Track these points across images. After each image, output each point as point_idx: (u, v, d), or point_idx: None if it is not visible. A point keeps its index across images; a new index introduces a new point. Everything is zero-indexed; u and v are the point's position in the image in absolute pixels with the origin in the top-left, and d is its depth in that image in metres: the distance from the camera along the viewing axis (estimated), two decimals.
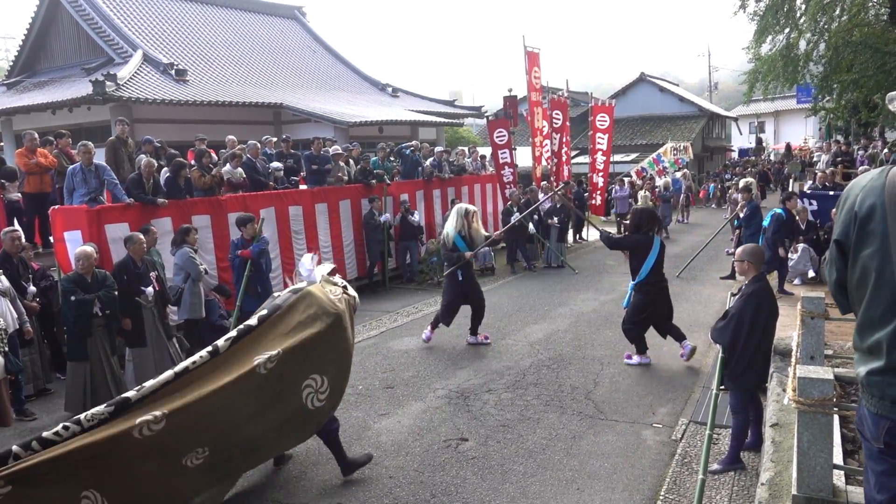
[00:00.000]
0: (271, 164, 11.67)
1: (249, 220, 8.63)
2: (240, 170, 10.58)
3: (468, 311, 8.69)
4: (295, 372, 4.35)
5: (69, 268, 7.45)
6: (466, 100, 44.26)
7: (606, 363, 7.62)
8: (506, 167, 16.19)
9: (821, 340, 4.93)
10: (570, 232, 17.23)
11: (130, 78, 18.48)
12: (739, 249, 5.24)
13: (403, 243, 13.17)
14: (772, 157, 40.78)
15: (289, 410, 4.40)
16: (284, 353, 4.22)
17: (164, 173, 9.72)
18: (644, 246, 7.37)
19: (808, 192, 13.04)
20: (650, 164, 23.22)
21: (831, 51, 17.61)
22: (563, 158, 17.86)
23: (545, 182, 16.69)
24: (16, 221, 9.87)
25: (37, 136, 9.94)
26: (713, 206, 27.65)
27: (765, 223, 10.43)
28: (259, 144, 11.70)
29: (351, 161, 13.21)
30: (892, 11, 15.88)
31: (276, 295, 4.80)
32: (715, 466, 4.96)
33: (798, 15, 18.34)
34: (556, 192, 13.48)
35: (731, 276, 11.91)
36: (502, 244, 14.87)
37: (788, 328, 6.30)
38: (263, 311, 4.51)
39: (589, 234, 18.56)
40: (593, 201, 18.64)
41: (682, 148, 25.54)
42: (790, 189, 14.44)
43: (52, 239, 9.20)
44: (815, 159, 23.35)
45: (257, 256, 8.25)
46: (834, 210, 11.15)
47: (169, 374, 4.02)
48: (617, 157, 28.02)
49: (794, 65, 19.07)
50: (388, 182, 13.22)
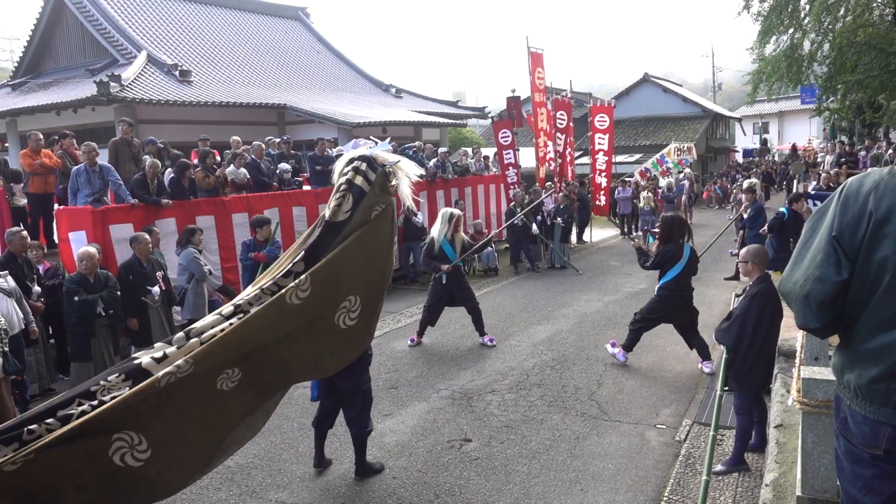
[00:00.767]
0: (279, 165, 11.69)
1: (265, 222, 8.68)
2: (243, 170, 10.60)
3: (465, 311, 8.75)
4: (331, 296, 4.20)
5: (74, 268, 7.47)
6: (470, 100, 44.37)
7: (610, 364, 7.61)
8: (510, 168, 16.20)
9: (825, 341, 4.91)
10: (574, 232, 17.22)
11: (135, 79, 18.53)
12: (744, 250, 5.23)
13: (406, 244, 13.16)
14: (776, 158, 40.71)
15: (323, 334, 4.26)
16: (312, 276, 4.04)
17: (169, 174, 9.75)
18: (674, 255, 7.24)
19: (813, 192, 13.00)
20: (654, 165, 23.18)
21: (835, 51, 17.59)
22: (568, 159, 17.85)
23: (549, 183, 16.68)
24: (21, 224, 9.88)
25: (41, 136, 9.97)
26: (716, 206, 27.61)
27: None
28: (263, 145, 11.72)
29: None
30: None
31: None
32: (719, 467, 4.96)
33: (802, 15, 18.32)
34: (551, 193, 13.40)
35: (735, 277, 11.89)
36: (506, 245, 14.87)
37: (792, 329, 6.27)
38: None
39: (592, 236, 18.55)
40: (597, 202, 18.62)
41: (685, 148, 25.45)
42: (797, 190, 14.39)
43: (56, 239, 9.22)
44: (819, 160, 23.31)
45: (271, 260, 8.27)
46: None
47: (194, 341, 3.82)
48: (620, 158, 27.99)
49: (799, 65, 19.05)
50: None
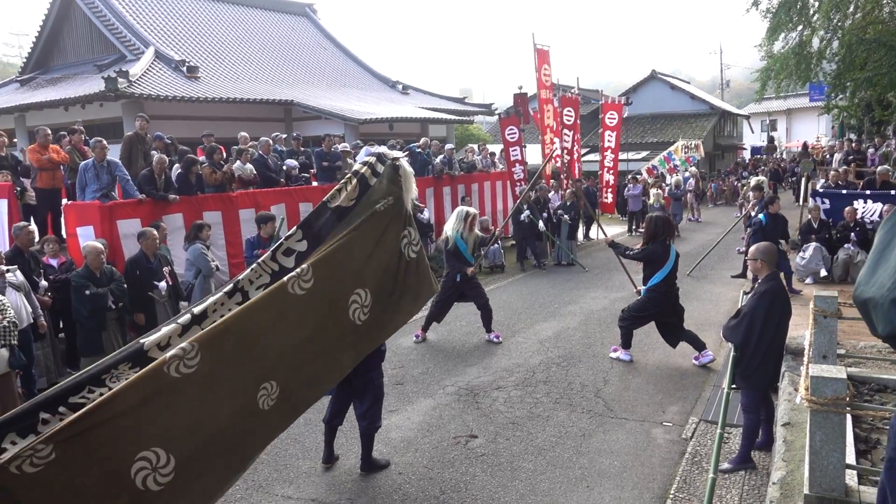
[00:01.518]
0: (286, 161, 11.70)
1: (270, 218, 8.67)
2: (249, 166, 10.62)
3: (474, 307, 8.73)
4: (335, 288, 4.14)
5: (81, 263, 7.50)
6: (477, 97, 44.32)
7: (616, 361, 7.60)
8: (517, 164, 16.19)
9: (833, 339, 4.91)
10: (581, 229, 17.20)
11: (142, 75, 18.59)
12: (752, 248, 5.21)
13: None
14: (784, 156, 40.51)
15: (340, 329, 4.19)
16: (314, 267, 4.00)
17: (176, 169, 9.77)
18: (660, 256, 7.25)
19: (821, 190, 12.94)
20: (661, 163, 23.12)
21: (845, 48, 17.47)
22: (575, 156, 17.83)
23: (555, 180, 16.65)
24: (32, 219, 9.91)
25: (49, 132, 10.00)
26: (723, 203, 27.51)
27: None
28: (271, 141, 11.74)
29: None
30: None
31: None
32: (725, 465, 4.94)
33: (811, 12, 18.22)
34: (538, 189, 13.31)
35: (743, 275, 11.85)
36: (512, 241, 14.85)
37: (800, 327, 6.27)
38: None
39: (598, 233, 18.51)
40: (604, 199, 18.59)
41: (693, 146, 25.39)
42: (803, 188, 14.33)
43: (64, 234, 9.26)
44: (827, 158, 23.19)
45: None
46: (848, 209, 11.11)
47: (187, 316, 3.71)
48: (628, 155, 27.94)
49: (807, 62, 18.95)
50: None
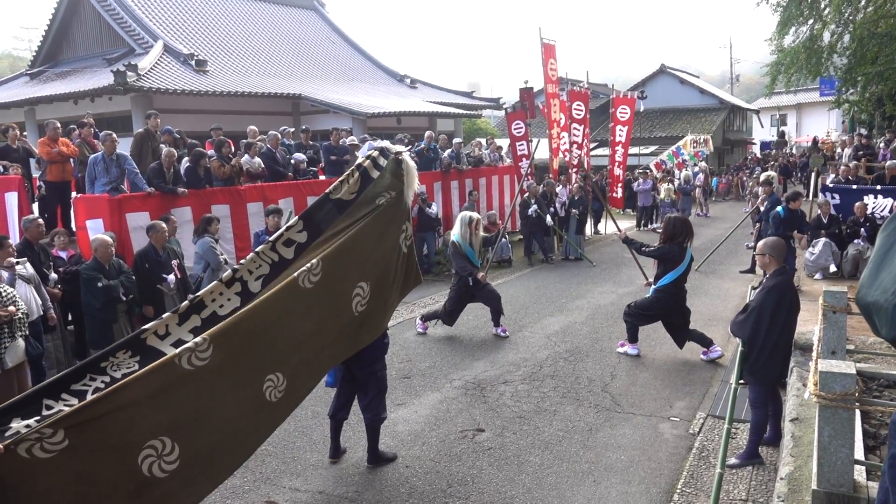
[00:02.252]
0: (294, 155, 11.72)
1: (276, 212, 8.71)
2: (257, 159, 10.63)
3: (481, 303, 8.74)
4: (342, 281, 4.22)
5: (90, 255, 7.54)
6: (485, 91, 44.10)
7: (623, 356, 7.59)
8: (523, 159, 16.15)
9: (843, 335, 4.88)
10: (590, 223, 17.16)
11: (151, 68, 18.64)
12: (761, 243, 5.18)
13: (420, 235, 13.16)
14: (794, 151, 40.26)
15: (343, 321, 4.28)
16: (324, 261, 4.06)
17: (185, 163, 9.80)
18: (676, 257, 7.21)
19: (831, 185, 12.87)
20: (669, 157, 23.01)
21: (856, 42, 17.33)
22: (584, 150, 17.77)
23: (563, 175, 16.61)
24: (42, 212, 9.97)
25: (59, 125, 10.05)
26: (732, 199, 27.40)
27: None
28: (279, 135, 11.75)
29: None
30: None
31: None
32: (733, 461, 4.93)
33: (822, 6, 18.05)
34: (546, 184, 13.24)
35: (751, 270, 11.81)
36: (520, 236, 14.83)
37: (809, 323, 6.24)
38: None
39: (607, 228, 18.46)
40: (613, 193, 18.52)
41: (701, 141, 25.24)
42: (813, 183, 14.23)
43: (74, 227, 9.31)
44: (838, 153, 23.03)
45: None
46: (858, 204, 11.05)
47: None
48: (636, 150, 27.81)
49: (818, 56, 18.79)
50: None
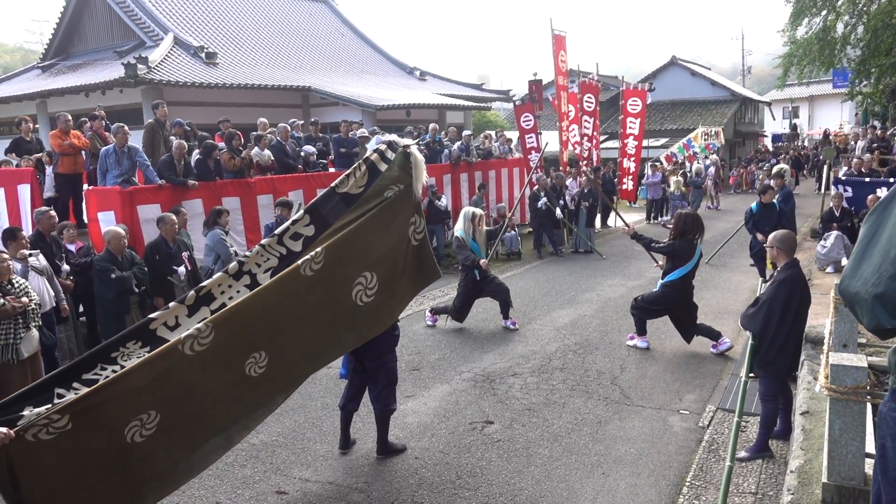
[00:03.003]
0: (304, 148, 11.73)
1: (285, 204, 8.75)
2: (267, 152, 10.66)
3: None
4: (342, 270, 4.26)
5: (102, 248, 7.59)
6: (494, 83, 44.00)
7: (633, 349, 7.58)
8: (532, 151, 16.12)
9: (854, 328, 4.85)
10: (599, 217, 17.10)
11: (161, 61, 18.70)
12: (771, 236, 5.15)
13: (430, 227, 13.11)
14: (806, 143, 39.96)
15: (339, 308, 4.32)
16: (326, 250, 4.12)
17: (195, 155, 9.83)
18: (685, 253, 7.18)
19: (844, 178, 12.77)
20: (680, 150, 22.89)
21: (870, 34, 17.19)
22: (594, 143, 17.73)
23: (572, 168, 16.57)
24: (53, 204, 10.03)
25: (70, 118, 10.10)
26: (742, 192, 27.24)
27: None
28: (289, 128, 11.77)
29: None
30: None
31: None
32: (743, 454, 4.93)
33: None
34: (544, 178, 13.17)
35: None
36: (529, 229, 14.82)
37: (820, 316, 6.20)
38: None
39: (616, 222, 18.40)
40: (623, 186, 18.45)
41: (713, 133, 25.10)
42: (825, 176, 14.15)
43: (85, 219, 9.37)
44: (851, 145, 22.85)
45: None
46: (871, 197, 10.99)
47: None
48: (647, 142, 27.69)
49: (831, 48, 18.66)
50: None
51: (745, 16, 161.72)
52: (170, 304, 4.05)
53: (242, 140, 10.63)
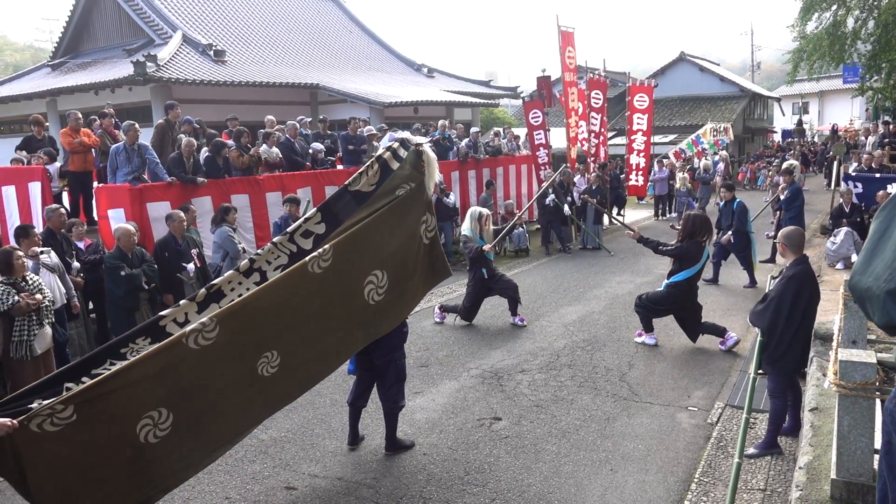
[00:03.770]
0: (312, 145, 11.77)
1: (294, 201, 8.78)
2: (275, 149, 10.69)
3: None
4: (352, 268, 4.26)
5: (112, 245, 7.64)
6: (502, 80, 43.98)
7: (641, 346, 7.58)
8: (541, 148, 16.10)
9: (863, 324, 4.83)
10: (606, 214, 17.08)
11: (170, 59, 18.76)
12: (781, 232, 5.14)
13: (438, 224, 13.11)
14: (815, 139, 39.70)
15: (352, 307, 4.32)
16: (334, 248, 4.12)
17: (204, 153, 9.88)
18: (693, 255, 7.17)
19: (854, 174, 12.70)
20: (689, 146, 22.80)
21: (880, 28, 17.06)
22: (601, 139, 17.69)
23: (580, 165, 16.53)
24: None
25: (80, 115, 10.17)
26: (749, 188, 27.10)
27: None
28: (297, 125, 11.80)
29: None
30: None
31: None
32: (751, 450, 4.92)
33: None
34: (551, 180, 13.16)
35: (771, 260, 11.71)
36: (537, 225, 14.80)
37: (829, 312, 6.18)
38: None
39: (625, 217, 18.36)
40: (631, 182, 18.40)
41: (722, 129, 24.99)
42: (835, 172, 14.05)
43: (95, 216, 9.43)
44: (861, 140, 22.70)
45: None
46: (881, 193, 10.94)
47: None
48: (655, 139, 27.58)
49: (841, 43, 18.52)
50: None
51: (755, 11, 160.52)
52: (180, 302, 4.06)
53: (251, 137, 10.67)
